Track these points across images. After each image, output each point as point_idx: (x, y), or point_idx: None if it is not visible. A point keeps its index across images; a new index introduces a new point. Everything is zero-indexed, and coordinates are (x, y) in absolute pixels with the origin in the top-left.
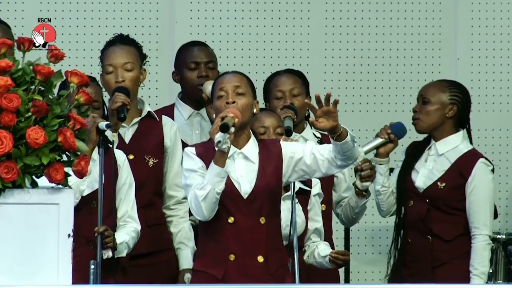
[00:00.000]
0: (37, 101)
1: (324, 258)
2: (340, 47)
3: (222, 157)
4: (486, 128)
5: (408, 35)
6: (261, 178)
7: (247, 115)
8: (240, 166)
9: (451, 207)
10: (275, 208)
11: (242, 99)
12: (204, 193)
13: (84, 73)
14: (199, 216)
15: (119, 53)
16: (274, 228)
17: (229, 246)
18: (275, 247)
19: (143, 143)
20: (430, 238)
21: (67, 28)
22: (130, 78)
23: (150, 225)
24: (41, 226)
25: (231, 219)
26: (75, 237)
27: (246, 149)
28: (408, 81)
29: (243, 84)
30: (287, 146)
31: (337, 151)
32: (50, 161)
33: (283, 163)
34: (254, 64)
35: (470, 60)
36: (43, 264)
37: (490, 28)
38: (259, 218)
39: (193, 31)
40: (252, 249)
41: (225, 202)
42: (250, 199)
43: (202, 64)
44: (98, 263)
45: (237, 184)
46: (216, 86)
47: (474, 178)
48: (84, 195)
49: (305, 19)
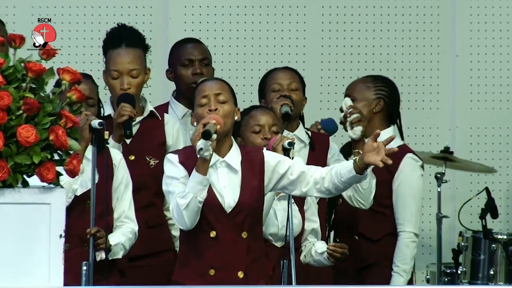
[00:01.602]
0: (28, 98)
1: (321, 255)
2: (337, 43)
3: (204, 164)
4: (486, 126)
5: (406, 32)
6: (245, 191)
7: (229, 123)
8: (223, 176)
9: (380, 204)
10: (258, 220)
11: (224, 107)
12: (186, 202)
13: (77, 70)
14: (181, 226)
15: (126, 58)
16: (256, 239)
17: (210, 261)
18: (255, 259)
19: (144, 144)
20: (356, 238)
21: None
22: (136, 85)
23: (151, 226)
24: (32, 227)
25: (213, 233)
26: (69, 238)
27: (229, 157)
28: (406, 78)
29: (225, 91)
30: (270, 157)
31: (348, 181)
32: (41, 160)
33: (265, 174)
34: (249, 61)
35: (470, 57)
36: (34, 265)
37: (489, 24)
38: (241, 233)
39: (187, 28)
40: (232, 264)
41: (208, 216)
42: (234, 213)
43: (197, 61)
44: (91, 264)
45: (220, 197)
46: (197, 93)
47: (401, 173)
48: (78, 194)
49: (301, 15)
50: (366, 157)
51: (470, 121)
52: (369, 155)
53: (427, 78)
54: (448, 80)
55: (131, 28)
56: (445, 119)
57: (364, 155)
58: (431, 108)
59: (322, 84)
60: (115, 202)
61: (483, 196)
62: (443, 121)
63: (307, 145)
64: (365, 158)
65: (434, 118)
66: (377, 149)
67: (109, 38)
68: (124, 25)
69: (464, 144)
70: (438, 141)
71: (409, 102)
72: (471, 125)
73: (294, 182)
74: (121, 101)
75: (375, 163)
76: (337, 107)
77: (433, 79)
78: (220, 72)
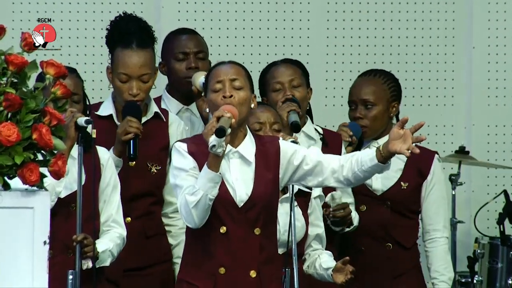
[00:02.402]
0: (9, 94)
1: (326, 271)
2: (344, 34)
3: (217, 161)
4: (505, 123)
5: (418, 22)
6: (258, 184)
7: (245, 111)
8: (236, 168)
9: (409, 210)
10: (271, 217)
11: (240, 93)
12: (196, 200)
13: (62, 64)
14: (189, 223)
15: (137, 61)
16: (269, 238)
17: (220, 258)
18: (269, 259)
19: (146, 149)
20: (390, 246)
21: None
22: (146, 89)
23: (150, 236)
24: (14, 232)
25: (223, 228)
26: (52, 244)
27: (242, 147)
28: (419, 71)
29: (241, 77)
30: (286, 147)
31: (369, 170)
32: (24, 160)
33: (281, 167)
34: (248, 53)
35: (487, 49)
36: (17, 274)
37: (509, 13)
38: (253, 229)
39: (181, 17)
40: (244, 262)
41: (218, 210)
42: (246, 207)
43: (191, 55)
44: (77, 273)
45: (232, 190)
46: (211, 77)
47: (434, 175)
48: (62, 196)
49: (305, 3)
50: (391, 145)
51: (488, 118)
52: (394, 143)
53: (441, 72)
54: (464, 74)
55: (140, 21)
56: (460, 116)
57: (389, 143)
58: (445, 104)
59: (327, 79)
60: (102, 205)
61: (501, 200)
62: (458, 118)
63: (317, 141)
64: (390, 146)
65: (448, 115)
66: (403, 136)
67: (116, 32)
68: (131, 16)
69: (481, 143)
70: (453, 140)
71: (422, 98)
72: (489, 122)
73: (310, 172)
74: (127, 113)
75: (401, 152)
76: (345, 103)
77: (448, 73)
78: None
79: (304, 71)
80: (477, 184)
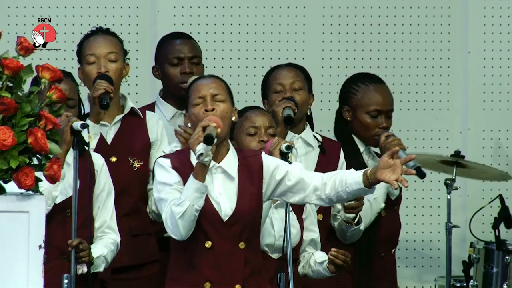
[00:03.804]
0: (4, 98)
1: (321, 265)
2: (339, 39)
3: (203, 170)
4: (500, 128)
5: (413, 26)
6: (242, 199)
7: (227, 124)
8: (219, 183)
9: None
10: (255, 230)
11: (221, 106)
12: (182, 210)
13: (57, 68)
14: (175, 235)
15: (103, 42)
16: (254, 251)
17: (205, 273)
18: (254, 272)
19: (127, 144)
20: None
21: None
22: (114, 70)
23: (135, 234)
24: (9, 237)
25: (208, 243)
26: (47, 249)
27: (225, 162)
28: (414, 76)
29: (222, 90)
30: (269, 162)
31: (353, 193)
32: (19, 164)
33: (263, 181)
34: (244, 57)
35: (483, 53)
36: (12, 278)
37: (504, 18)
38: (238, 243)
39: (176, 22)
40: (229, 277)
41: (203, 225)
42: (231, 222)
43: (186, 60)
44: (72, 278)
45: (216, 205)
46: (192, 92)
47: None
48: (57, 202)
49: (300, 7)
50: (379, 173)
51: (483, 123)
52: (383, 171)
53: (436, 76)
54: (460, 79)
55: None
56: (456, 120)
57: (377, 171)
58: (440, 108)
59: (323, 83)
60: (96, 211)
61: (496, 204)
62: (454, 122)
63: (316, 149)
64: (379, 175)
65: (444, 119)
66: (393, 166)
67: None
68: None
69: (476, 147)
70: (448, 144)
71: (417, 102)
72: (484, 127)
73: (291, 188)
74: (97, 79)
75: (389, 182)
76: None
77: (443, 77)
78: (212, 70)
79: (307, 76)
80: (473, 189)
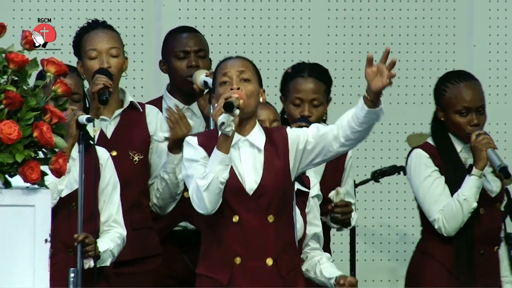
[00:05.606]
0: (10, 92)
1: (328, 280)
2: (344, 32)
3: (226, 142)
4: (506, 122)
5: (418, 19)
6: (268, 172)
7: (253, 104)
8: (246, 156)
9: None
10: (285, 204)
11: (247, 86)
12: (207, 183)
13: (62, 62)
14: (201, 209)
15: (104, 37)
16: (285, 226)
17: (234, 248)
18: (287, 247)
19: (127, 138)
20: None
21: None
22: (116, 65)
23: (136, 228)
24: (15, 230)
25: (235, 218)
26: (53, 243)
27: (252, 136)
28: (419, 70)
29: (249, 70)
30: (293, 134)
31: (365, 120)
32: (24, 158)
33: (290, 154)
34: (249, 51)
35: (488, 47)
36: (18, 272)
37: (509, 12)
38: (266, 216)
39: (182, 15)
40: (259, 251)
41: (229, 199)
42: (256, 195)
43: (192, 53)
44: (78, 271)
45: (241, 178)
46: (218, 71)
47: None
48: (62, 196)
49: (305, 1)
50: (372, 85)
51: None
52: (373, 81)
53: (441, 70)
54: None
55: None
56: None
57: (369, 85)
58: None
59: None
60: (102, 205)
61: None
62: None
63: None
64: (372, 86)
65: None
66: (378, 71)
67: (81, 29)
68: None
69: None
70: None
71: (422, 96)
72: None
73: (314, 149)
74: (96, 73)
75: (385, 85)
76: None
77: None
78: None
79: (327, 86)
80: None
